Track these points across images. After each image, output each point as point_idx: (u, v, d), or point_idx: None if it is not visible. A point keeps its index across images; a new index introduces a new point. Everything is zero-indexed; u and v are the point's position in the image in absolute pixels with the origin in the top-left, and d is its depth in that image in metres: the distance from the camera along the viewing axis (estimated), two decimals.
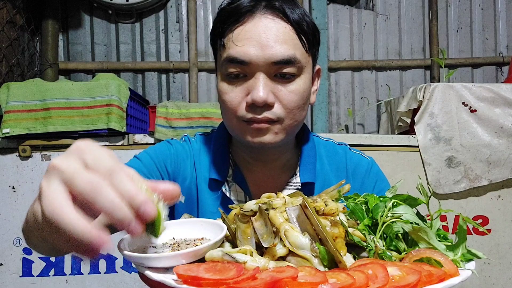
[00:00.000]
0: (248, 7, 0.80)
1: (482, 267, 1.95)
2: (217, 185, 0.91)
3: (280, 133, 0.82)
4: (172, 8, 2.73)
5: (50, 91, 1.79)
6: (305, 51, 0.82)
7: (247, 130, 0.82)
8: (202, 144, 0.97)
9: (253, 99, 0.78)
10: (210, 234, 0.62)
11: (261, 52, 0.77)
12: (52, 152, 1.85)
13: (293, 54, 0.78)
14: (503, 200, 1.96)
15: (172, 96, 2.73)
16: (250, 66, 0.79)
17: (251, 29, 0.79)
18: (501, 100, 1.91)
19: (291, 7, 0.81)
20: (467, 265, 0.56)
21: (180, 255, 0.55)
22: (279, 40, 0.78)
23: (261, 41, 0.77)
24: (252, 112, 0.79)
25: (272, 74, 0.79)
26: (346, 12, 2.82)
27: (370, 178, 0.96)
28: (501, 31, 2.86)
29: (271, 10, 0.79)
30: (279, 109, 0.80)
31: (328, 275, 0.49)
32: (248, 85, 0.80)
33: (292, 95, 0.80)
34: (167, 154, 0.93)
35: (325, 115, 2.57)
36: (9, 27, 2.22)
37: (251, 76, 0.80)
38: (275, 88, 0.80)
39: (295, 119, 0.83)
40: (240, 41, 0.79)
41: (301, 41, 0.81)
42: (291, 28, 0.80)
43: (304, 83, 0.82)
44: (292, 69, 0.79)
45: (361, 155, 0.99)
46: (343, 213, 0.64)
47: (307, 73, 0.83)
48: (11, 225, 1.85)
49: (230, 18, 0.81)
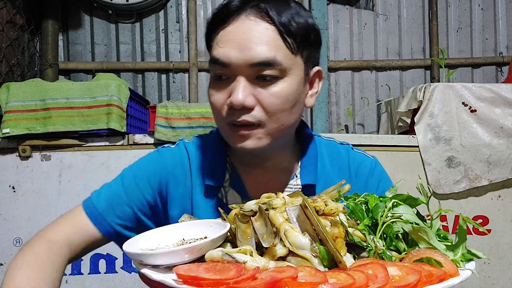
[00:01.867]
0: (236, 8, 0.79)
1: (482, 267, 1.95)
2: (213, 191, 0.89)
3: (264, 138, 0.80)
4: (172, 8, 2.73)
5: (50, 91, 1.79)
6: (290, 52, 0.79)
7: (232, 135, 0.81)
8: (199, 147, 0.95)
9: (231, 102, 0.77)
10: (213, 233, 0.63)
11: (240, 54, 0.76)
12: (52, 152, 1.85)
13: (273, 56, 0.76)
14: (503, 200, 1.96)
15: (172, 96, 2.73)
16: (231, 68, 0.78)
17: (233, 31, 0.78)
18: (501, 100, 1.91)
19: (279, 8, 0.79)
20: (467, 265, 0.56)
21: (175, 251, 0.56)
22: (259, 41, 0.76)
23: (241, 43, 0.76)
24: (232, 115, 0.79)
25: (252, 76, 0.78)
26: (346, 12, 2.82)
27: (374, 178, 0.94)
28: (501, 31, 2.86)
29: (256, 11, 0.78)
30: (259, 112, 0.78)
31: (328, 275, 0.49)
32: (231, 87, 0.79)
33: (273, 98, 0.78)
34: (151, 167, 0.91)
35: (325, 115, 2.57)
36: (9, 27, 2.22)
37: (233, 79, 0.79)
38: (256, 90, 0.78)
39: (280, 123, 0.80)
40: (223, 43, 0.78)
41: (285, 43, 0.78)
42: (274, 29, 0.77)
43: (289, 86, 0.79)
44: (272, 71, 0.77)
45: (364, 155, 0.98)
46: (343, 213, 0.64)
47: (294, 76, 0.80)
48: (11, 225, 1.85)
49: (217, 19, 0.81)
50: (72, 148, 1.85)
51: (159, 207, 0.91)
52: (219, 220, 0.68)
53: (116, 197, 0.88)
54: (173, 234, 0.67)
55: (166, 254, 0.56)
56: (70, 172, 1.85)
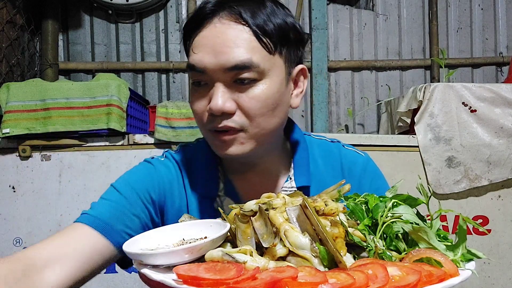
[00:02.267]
0: (209, 11, 0.77)
1: (482, 267, 1.95)
2: (208, 201, 0.88)
3: (247, 143, 0.78)
4: (172, 8, 2.73)
5: (50, 91, 1.79)
6: (267, 53, 0.76)
7: (214, 142, 0.80)
8: (188, 157, 0.92)
9: (211, 108, 0.75)
10: (213, 233, 0.63)
11: (215, 59, 0.74)
12: (52, 152, 1.85)
13: (249, 58, 0.74)
14: (503, 200, 1.96)
15: (172, 96, 2.73)
16: (207, 74, 0.76)
17: (207, 36, 0.76)
18: (501, 100, 1.91)
19: (252, 9, 0.76)
20: (467, 265, 0.56)
21: (175, 251, 0.56)
22: (234, 45, 0.74)
23: (215, 48, 0.74)
24: (213, 122, 0.77)
25: (230, 80, 0.76)
26: (346, 12, 2.82)
27: (367, 176, 0.94)
28: (501, 31, 2.86)
29: (228, 14, 0.76)
30: (240, 117, 0.76)
31: (328, 275, 0.49)
32: (210, 93, 0.77)
33: (253, 102, 0.75)
34: (149, 181, 0.86)
35: (325, 115, 2.57)
36: (9, 27, 2.22)
37: (211, 84, 0.77)
38: (235, 95, 0.76)
39: (262, 127, 0.78)
40: (197, 48, 0.77)
41: (261, 44, 0.75)
42: (248, 31, 0.75)
43: (269, 88, 0.77)
44: (250, 74, 0.75)
45: (356, 152, 0.97)
46: (343, 213, 0.64)
47: (274, 77, 0.78)
48: (11, 225, 1.85)
49: (191, 24, 0.80)
50: (72, 148, 1.85)
51: (159, 220, 0.89)
52: (219, 220, 0.68)
53: (120, 206, 0.82)
54: (173, 234, 0.67)
55: (166, 254, 0.56)
56: (70, 172, 1.85)
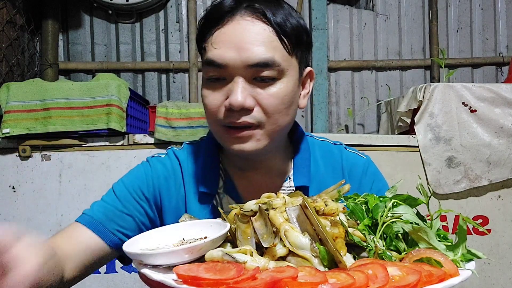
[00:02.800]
0: (229, 8, 0.78)
1: (482, 267, 1.95)
2: (207, 198, 0.88)
3: (262, 140, 0.80)
4: (172, 8, 2.73)
5: (50, 91, 1.79)
6: (287, 53, 0.79)
7: (228, 138, 0.80)
8: (190, 154, 0.94)
9: (231, 103, 0.76)
10: (213, 233, 0.63)
11: (237, 55, 0.75)
12: (52, 152, 1.85)
13: (271, 57, 0.76)
14: (503, 200, 1.96)
15: (172, 96, 2.73)
16: (227, 69, 0.77)
17: (229, 32, 0.77)
18: (501, 100, 1.91)
19: (273, 9, 0.78)
20: (467, 265, 0.56)
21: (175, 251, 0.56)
22: (257, 42, 0.76)
23: (238, 44, 0.76)
24: (230, 117, 0.78)
25: (250, 77, 0.77)
26: (346, 12, 2.82)
27: (367, 178, 0.94)
28: (501, 31, 2.86)
29: (251, 11, 0.77)
30: (258, 113, 0.78)
31: (328, 275, 0.49)
32: (228, 88, 0.78)
33: (272, 99, 0.77)
34: (143, 179, 0.89)
35: (325, 115, 2.57)
36: (9, 27, 2.22)
37: (230, 80, 0.78)
38: (255, 91, 0.77)
39: (278, 124, 0.80)
40: (218, 44, 0.77)
41: (282, 43, 0.78)
42: (271, 30, 0.77)
43: (286, 87, 0.79)
44: (271, 72, 0.77)
45: (357, 155, 0.97)
46: (343, 213, 0.64)
47: (290, 76, 0.80)
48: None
49: (211, 20, 0.80)
50: (72, 148, 1.85)
51: (156, 217, 0.90)
52: (219, 220, 0.68)
53: (112, 207, 0.86)
54: (173, 234, 0.67)
55: (166, 254, 0.56)
56: (70, 172, 1.85)
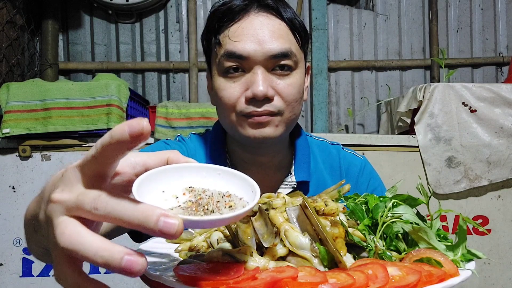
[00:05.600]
0: (242, 5, 0.84)
1: (482, 267, 1.95)
2: None
3: (280, 126, 0.84)
4: (172, 8, 2.73)
5: (50, 91, 1.79)
6: (299, 47, 0.86)
7: (247, 123, 0.83)
8: (197, 144, 0.97)
9: (254, 93, 0.80)
10: (237, 190, 0.52)
11: (258, 47, 0.80)
12: (52, 152, 1.85)
13: (289, 48, 0.82)
14: (503, 200, 1.96)
15: (172, 96, 2.73)
16: (248, 61, 0.81)
17: (247, 26, 0.82)
18: (501, 100, 1.91)
19: (283, 6, 0.85)
20: (467, 265, 0.56)
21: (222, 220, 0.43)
22: (275, 35, 0.81)
23: (258, 37, 0.81)
24: (252, 106, 0.82)
25: (269, 68, 0.82)
26: (346, 12, 2.82)
27: (364, 177, 0.98)
28: (501, 31, 2.86)
29: (264, 8, 0.83)
30: (279, 101, 0.83)
31: (328, 275, 0.49)
32: (247, 79, 0.82)
33: (291, 88, 0.83)
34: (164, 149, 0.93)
35: (325, 115, 2.57)
36: (9, 27, 2.22)
37: (249, 71, 0.82)
38: (274, 81, 0.82)
39: (294, 112, 0.86)
40: (237, 37, 0.82)
41: (295, 37, 0.85)
42: (285, 25, 0.84)
43: (300, 77, 0.86)
44: (289, 61, 0.82)
45: (354, 155, 1.02)
46: (343, 213, 0.64)
47: (301, 68, 0.87)
48: (11, 225, 1.85)
49: (224, 17, 0.84)
50: (72, 148, 1.85)
51: None
52: (227, 168, 0.54)
53: None
54: (176, 177, 0.51)
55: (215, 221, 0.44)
56: None
